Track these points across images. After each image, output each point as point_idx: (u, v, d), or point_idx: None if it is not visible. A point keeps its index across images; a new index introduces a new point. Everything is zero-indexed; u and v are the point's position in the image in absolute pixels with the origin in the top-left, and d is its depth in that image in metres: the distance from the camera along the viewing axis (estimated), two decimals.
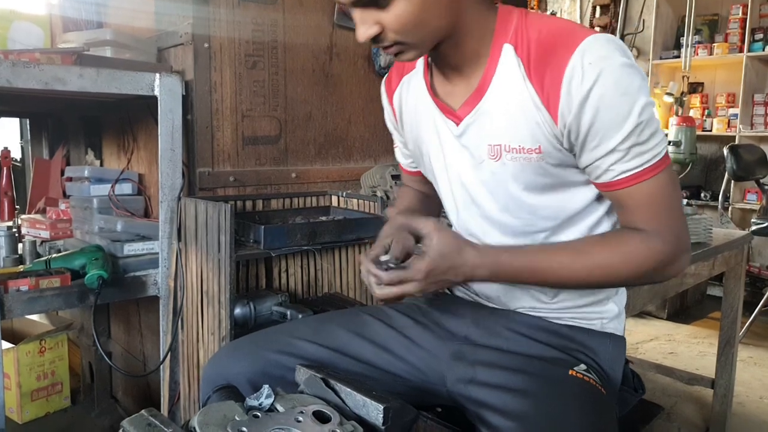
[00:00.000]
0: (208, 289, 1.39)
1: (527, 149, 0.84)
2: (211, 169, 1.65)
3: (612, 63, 0.75)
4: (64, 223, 1.83)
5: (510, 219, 0.91)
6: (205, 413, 0.68)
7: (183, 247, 1.49)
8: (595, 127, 0.78)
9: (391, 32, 0.79)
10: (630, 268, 0.82)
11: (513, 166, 0.86)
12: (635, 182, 0.80)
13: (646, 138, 0.78)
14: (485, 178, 0.90)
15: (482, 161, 0.89)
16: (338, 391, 0.79)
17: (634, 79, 0.76)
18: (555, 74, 0.78)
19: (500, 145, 0.86)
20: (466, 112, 0.88)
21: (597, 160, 0.80)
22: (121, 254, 1.52)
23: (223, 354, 0.98)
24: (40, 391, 2.07)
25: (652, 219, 0.81)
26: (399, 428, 0.76)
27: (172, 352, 1.51)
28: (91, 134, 2.12)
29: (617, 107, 0.76)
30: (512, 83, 0.83)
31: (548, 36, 0.80)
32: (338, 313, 1.08)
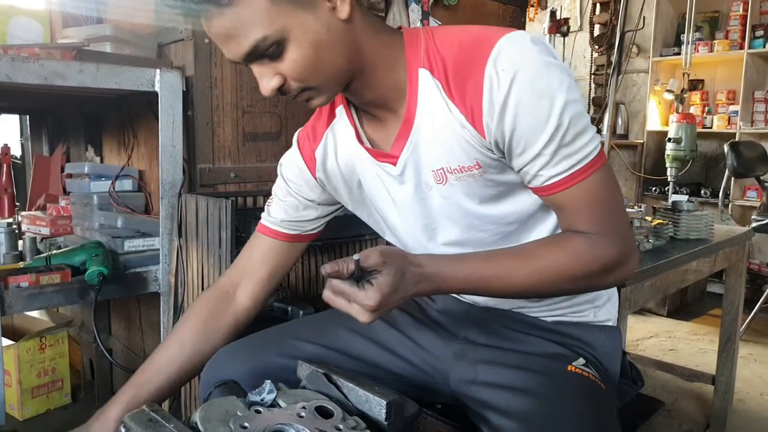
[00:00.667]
0: (209, 285, 1.39)
1: (467, 167, 0.81)
2: (211, 165, 1.65)
3: (526, 65, 0.73)
4: (64, 219, 1.82)
5: (479, 234, 0.88)
6: (207, 408, 0.68)
7: (184, 243, 1.48)
8: (517, 133, 0.75)
9: (293, 80, 0.76)
10: (579, 268, 0.78)
11: (461, 186, 0.83)
12: (567, 186, 0.77)
13: (570, 139, 0.75)
14: (440, 205, 0.87)
15: (431, 188, 0.86)
16: (340, 386, 0.79)
17: (552, 78, 0.73)
18: (475, 88, 0.75)
19: (442, 168, 0.83)
20: (401, 148, 0.85)
21: (525, 166, 0.78)
22: (121, 250, 1.52)
23: (223, 356, 0.97)
24: (40, 387, 2.07)
25: (593, 221, 0.78)
26: (401, 423, 0.75)
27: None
28: (91, 131, 2.11)
29: (535, 110, 0.73)
30: (435, 108, 0.80)
31: (460, 51, 0.77)
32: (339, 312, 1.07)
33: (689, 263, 1.50)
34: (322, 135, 0.94)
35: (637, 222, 1.35)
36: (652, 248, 1.44)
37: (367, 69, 0.80)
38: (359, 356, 0.97)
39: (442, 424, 1.01)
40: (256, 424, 0.67)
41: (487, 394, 0.86)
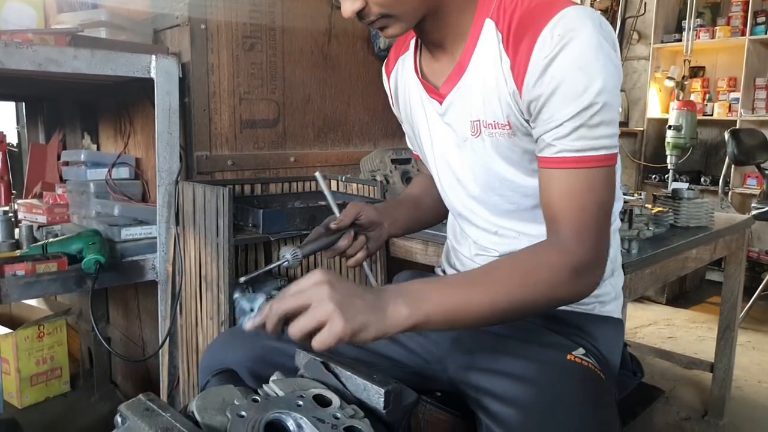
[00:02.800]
0: (207, 273, 1.38)
1: (500, 125, 0.84)
2: (208, 152, 1.64)
3: (580, 36, 0.74)
4: (61, 207, 1.81)
5: (495, 198, 0.91)
6: (204, 397, 0.67)
7: (181, 231, 1.47)
8: (551, 99, 0.77)
9: (375, 5, 0.78)
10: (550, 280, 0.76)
11: (491, 142, 0.86)
12: (571, 166, 0.77)
13: (595, 123, 0.76)
14: (468, 157, 0.90)
15: (465, 139, 0.89)
16: (339, 374, 0.78)
17: (598, 58, 0.74)
18: (528, 45, 0.77)
19: (479, 120, 0.86)
20: (448, 90, 0.89)
21: (545, 133, 0.79)
22: (118, 239, 1.51)
23: (222, 341, 0.98)
24: (39, 376, 2.07)
25: (574, 213, 0.77)
26: (400, 411, 0.75)
27: (170, 336, 1.50)
28: (88, 118, 2.10)
29: (573, 81, 0.75)
30: (490, 57, 0.83)
31: (528, 9, 0.79)
32: None
33: (689, 251, 1.50)
34: (394, 64, 1.03)
35: (637, 210, 1.34)
36: (652, 236, 1.43)
37: (441, 10, 0.84)
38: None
39: (440, 412, 1.00)
40: (253, 413, 0.67)
41: (485, 381, 0.86)
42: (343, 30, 1.92)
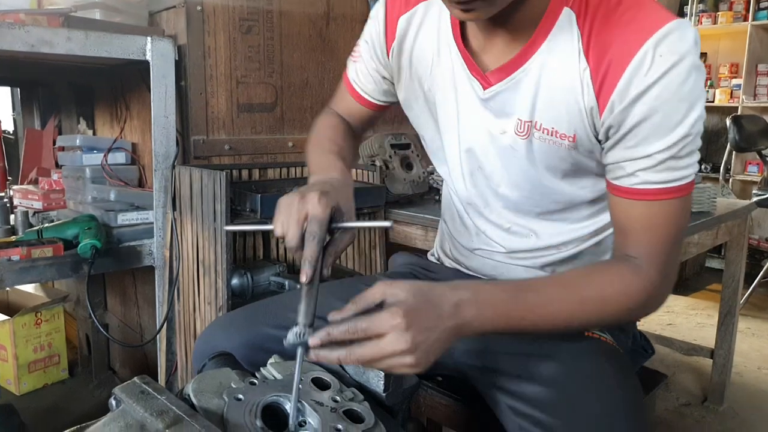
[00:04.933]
0: (204, 258, 1.37)
1: (561, 134, 0.76)
2: (205, 137, 1.61)
3: (686, 61, 0.67)
4: (56, 193, 1.79)
5: (517, 195, 0.86)
6: (200, 380, 0.66)
7: (178, 216, 1.46)
8: (641, 127, 0.70)
9: None
10: (623, 300, 0.74)
11: (539, 147, 0.79)
12: (654, 197, 0.72)
13: (684, 154, 0.70)
14: (504, 153, 0.83)
15: (504, 132, 0.81)
16: None
17: (698, 86, 0.68)
18: (620, 57, 0.68)
19: (532, 122, 0.78)
20: (501, 77, 0.79)
21: (626, 161, 0.73)
22: (114, 224, 1.49)
23: (217, 327, 0.95)
24: (37, 362, 2.07)
25: (653, 245, 0.74)
26: (400, 395, 0.74)
27: (168, 322, 1.49)
28: (83, 104, 2.07)
29: (672, 110, 0.68)
30: (564, 56, 0.73)
31: (619, 11, 0.70)
32: (335, 284, 1.05)
33: (692, 236, 1.48)
34: (414, 4, 0.88)
35: None
36: None
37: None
38: None
39: (441, 396, 0.99)
40: (250, 396, 0.66)
41: (502, 364, 0.84)
42: (342, 13, 1.89)
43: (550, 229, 0.88)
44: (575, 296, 0.74)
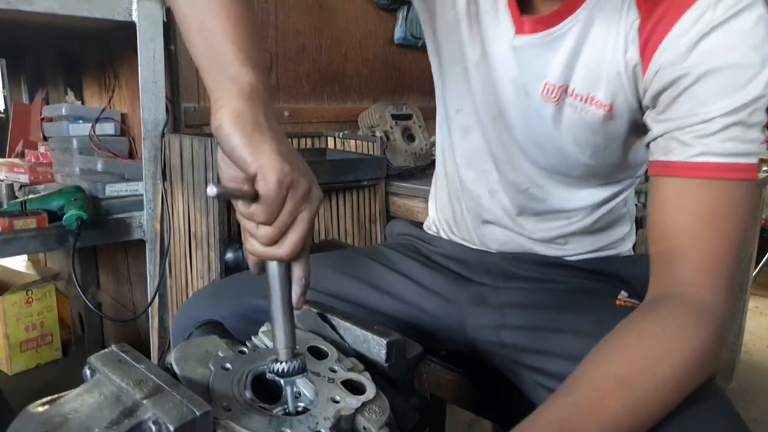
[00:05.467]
0: (197, 230, 1.31)
1: (597, 102, 0.66)
2: (197, 104, 1.54)
3: (754, 8, 0.56)
4: (44, 167, 1.72)
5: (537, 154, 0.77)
6: (184, 349, 0.60)
7: (168, 187, 1.39)
8: (700, 83, 0.57)
9: None
10: (695, 371, 0.54)
11: (569, 116, 0.70)
12: (716, 175, 0.57)
13: (754, 122, 0.57)
14: (527, 111, 0.74)
15: (528, 94, 0.72)
16: (336, 326, 0.71)
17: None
18: (678, 5, 0.58)
19: (565, 87, 0.68)
20: (535, 29, 0.69)
21: (679, 130, 0.59)
22: (103, 195, 1.43)
23: (202, 296, 0.88)
24: (29, 342, 2.01)
25: (711, 244, 0.57)
26: (403, 365, 0.68)
27: (160, 298, 1.43)
28: (71, 74, 1.99)
29: (741, 64, 0.56)
30: (611, 10, 0.63)
31: None
32: (331, 255, 0.98)
33: None
34: None
35: None
36: None
37: None
38: (358, 302, 0.89)
39: (446, 371, 0.94)
40: (239, 365, 0.60)
41: (524, 339, 0.77)
42: None
43: (563, 193, 0.82)
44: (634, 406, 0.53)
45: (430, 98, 2.06)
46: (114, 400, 0.53)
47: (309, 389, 0.59)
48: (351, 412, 0.56)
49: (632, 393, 0.53)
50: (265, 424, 0.52)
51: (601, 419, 0.52)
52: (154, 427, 0.48)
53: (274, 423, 0.53)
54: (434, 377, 0.95)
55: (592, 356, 0.57)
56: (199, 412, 0.48)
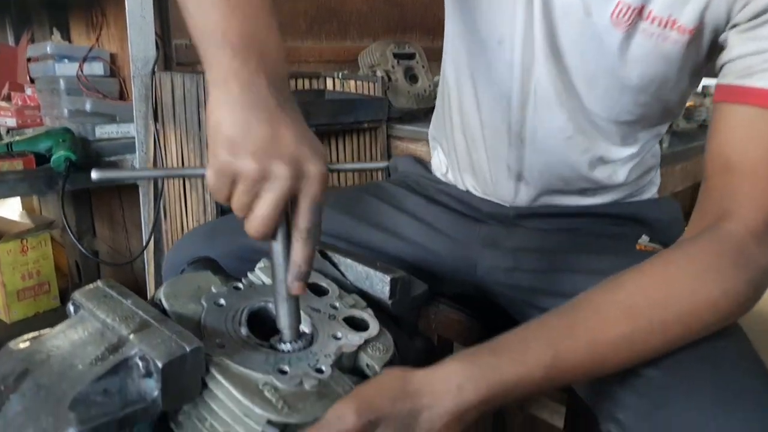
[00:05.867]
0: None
1: (678, 26, 0.58)
2: (188, 41, 1.46)
3: None
4: (31, 110, 1.66)
5: (589, 94, 0.68)
6: (174, 284, 0.56)
7: (161, 128, 1.33)
8: None
9: None
10: (724, 307, 0.49)
11: (639, 46, 0.61)
12: None
13: None
14: (585, 39, 0.63)
15: (591, 15, 0.61)
16: (337, 263, 0.67)
17: None
18: None
19: (640, 8, 0.59)
20: None
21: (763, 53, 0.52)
22: (93, 137, 1.37)
23: (196, 235, 0.83)
24: (26, 290, 1.99)
25: None
26: (408, 303, 0.64)
27: (156, 243, 1.39)
28: (56, 14, 1.90)
29: None
30: None
31: None
32: (331, 193, 0.91)
33: None
34: None
35: None
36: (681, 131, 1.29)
37: None
38: (361, 242, 0.84)
39: (454, 312, 0.90)
40: (234, 302, 0.56)
41: (539, 282, 0.74)
42: None
43: (605, 144, 0.74)
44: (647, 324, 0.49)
45: (433, 38, 1.97)
46: (98, 336, 0.49)
47: (308, 325, 0.55)
48: (353, 349, 0.53)
49: (635, 325, 0.49)
50: (261, 361, 0.49)
51: (595, 347, 0.49)
52: (141, 363, 0.44)
53: (272, 360, 0.49)
54: (441, 318, 0.92)
55: (603, 283, 0.53)
56: (190, 347, 0.45)
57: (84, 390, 0.44)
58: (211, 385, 0.47)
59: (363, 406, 0.44)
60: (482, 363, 0.48)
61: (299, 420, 0.45)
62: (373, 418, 0.44)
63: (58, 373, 0.46)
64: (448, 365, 0.48)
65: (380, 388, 0.46)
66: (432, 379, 0.47)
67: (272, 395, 0.45)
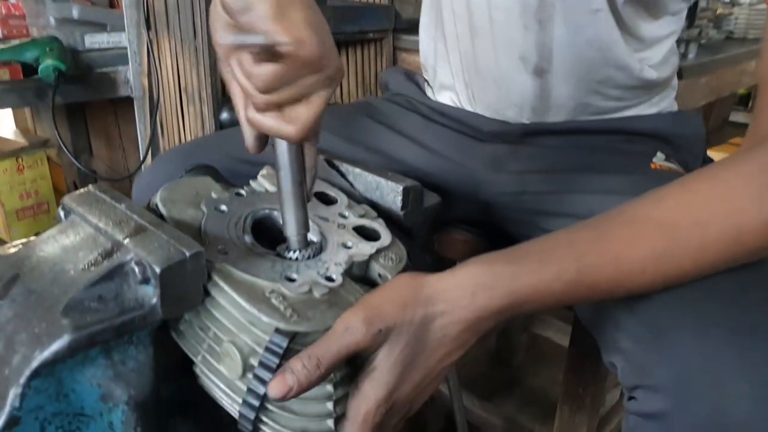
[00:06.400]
0: (187, 85, 1.19)
1: None
2: None
3: None
4: (16, 19, 1.56)
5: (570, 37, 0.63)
6: (172, 189, 0.52)
7: (154, 37, 1.26)
8: None
9: None
10: None
11: None
12: None
13: None
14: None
15: None
16: (345, 172, 0.63)
17: None
18: None
19: None
20: None
21: None
22: (82, 47, 1.30)
23: (194, 144, 0.77)
24: (25, 210, 1.97)
25: None
26: (420, 214, 0.61)
27: (153, 158, 1.35)
28: None
29: None
30: None
31: None
32: (329, 115, 0.82)
33: (748, 62, 1.29)
34: None
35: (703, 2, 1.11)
36: (707, 42, 1.21)
37: None
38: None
39: (458, 231, 0.87)
40: (236, 208, 0.52)
41: (548, 203, 0.69)
42: None
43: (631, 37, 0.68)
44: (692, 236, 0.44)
45: None
46: (91, 241, 0.46)
47: (316, 234, 0.52)
48: (365, 259, 0.50)
49: (670, 243, 0.44)
50: (268, 268, 0.46)
51: (622, 263, 0.45)
52: (137, 269, 0.41)
53: (279, 267, 0.46)
54: (445, 239, 0.89)
55: (638, 198, 0.49)
56: (189, 252, 0.41)
57: (77, 296, 0.41)
58: (214, 292, 0.44)
59: (372, 314, 0.42)
60: (500, 270, 0.45)
61: (309, 328, 0.42)
62: (383, 327, 0.42)
63: (50, 278, 0.43)
64: (464, 270, 0.45)
65: (390, 295, 0.44)
66: (446, 285, 0.44)
67: (280, 303, 0.43)
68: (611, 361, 0.51)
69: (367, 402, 0.42)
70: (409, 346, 0.43)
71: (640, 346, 0.47)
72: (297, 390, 0.40)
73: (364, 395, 0.42)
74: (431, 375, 0.45)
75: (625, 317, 0.49)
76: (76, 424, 0.41)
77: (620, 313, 0.50)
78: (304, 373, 0.40)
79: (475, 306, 0.43)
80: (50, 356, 0.38)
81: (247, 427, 0.43)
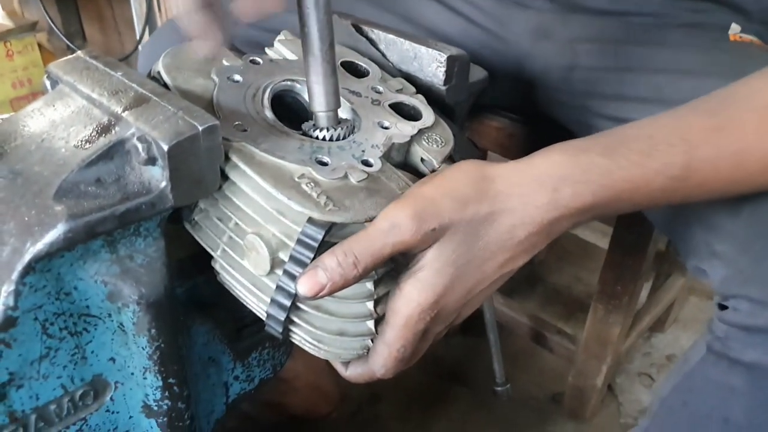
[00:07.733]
0: None
1: None
2: None
3: None
4: None
5: None
6: (176, 54, 0.44)
7: None
8: None
9: None
10: None
11: None
12: None
13: None
14: None
15: None
16: (376, 40, 0.53)
17: None
18: None
19: None
20: None
21: None
22: None
23: None
24: (20, 100, 1.87)
25: None
26: (465, 90, 0.52)
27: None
28: None
29: None
30: None
31: None
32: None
33: None
34: None
35: None
36: None
37: None
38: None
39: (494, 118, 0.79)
40: (253, 78, 0.44)
41: (604, 82, 0.59)
42: None
43: None
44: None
45: None
46: (84, 114, 0.38)
47: (347, 111, 0.44)
48: (405, 140, 0.42)
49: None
50: (295, 149, 0.38)
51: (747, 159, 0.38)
52: (140, 146, 0.34)
53: (307, 148, 0.39)
54: (478, 126, 0.81)
55: (756, 78, 0.40)
56: (202, 125, 0.34)
57: (71, 178, 0.34)
58: (233, 176, 0.37)
59: (425, 210, 0.35)
60: (591, 161, 0.37)
61: (348, 219, 0.35)
62: (437, 225, 0.35)
63: (38, 157, 0.36)
64: (545, 160, 0.37)
65: (449, 186, 0.36)
66: (522, 179, 0.37)
67: (312, 189, 0.36)
68: (699, 266, 0.45)
69: (409, 305, 0.37)
70: (465, 247, 0.36)
71: (749, 255, 0.40)
72: (330, 289, 0.34)
73: (407, 297, 0.37)
74: (486, 282, 0.38)
75: (723, 219, 0.42)
76: (82, 325, 0.36)
77: (716, 214, 0.43)
78: (338, 272, 0.34)
79: (556, 204, 0.36)
80: (44, 249, 0.32)
81: (276, 329, 0.38)
